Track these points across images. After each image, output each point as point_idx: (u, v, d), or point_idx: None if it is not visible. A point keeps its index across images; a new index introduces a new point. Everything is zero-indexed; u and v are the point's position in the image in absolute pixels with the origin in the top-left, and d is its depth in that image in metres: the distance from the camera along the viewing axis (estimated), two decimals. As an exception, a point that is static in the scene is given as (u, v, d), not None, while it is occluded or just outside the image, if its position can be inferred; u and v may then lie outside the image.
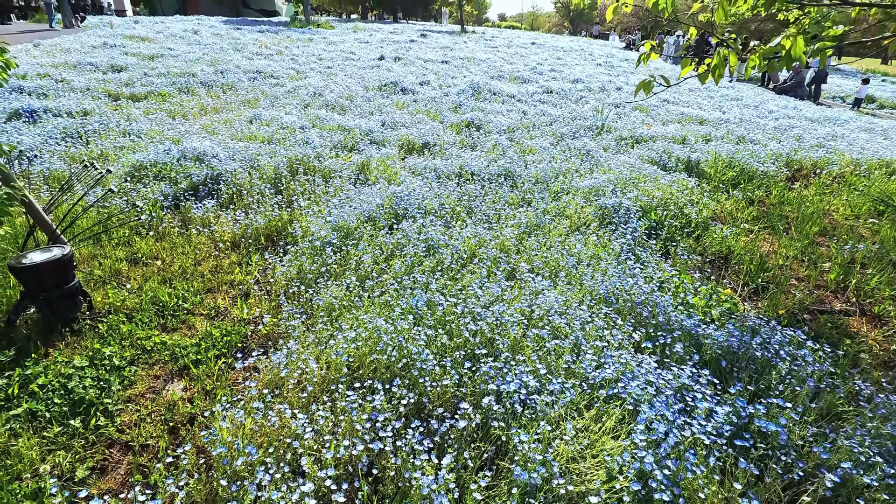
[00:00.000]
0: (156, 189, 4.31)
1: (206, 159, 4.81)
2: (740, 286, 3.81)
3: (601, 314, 2.79)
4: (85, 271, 3.38)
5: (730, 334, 2.70)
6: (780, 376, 2.53)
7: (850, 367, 2.86)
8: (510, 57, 16.87)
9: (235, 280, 3.45)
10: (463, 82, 10.17)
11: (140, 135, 5.83)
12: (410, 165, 5.12)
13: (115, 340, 2.79)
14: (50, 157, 4.93)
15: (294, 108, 7.57)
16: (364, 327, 2.63)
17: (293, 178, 4.78)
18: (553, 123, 7.26)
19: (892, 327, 3.42)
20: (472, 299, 2.81)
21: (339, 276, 3.32)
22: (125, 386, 2.53)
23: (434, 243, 3.46)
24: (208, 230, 3.94)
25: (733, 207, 5.20)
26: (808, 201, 5.52)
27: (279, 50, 14.39)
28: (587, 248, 3.61)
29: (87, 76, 8.82)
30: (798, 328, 3.22)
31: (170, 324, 3.01)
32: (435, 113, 7.63)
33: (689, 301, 3.19)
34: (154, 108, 7.23)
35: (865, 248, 4.35)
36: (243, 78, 9.77)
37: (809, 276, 3.99)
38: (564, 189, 4.70)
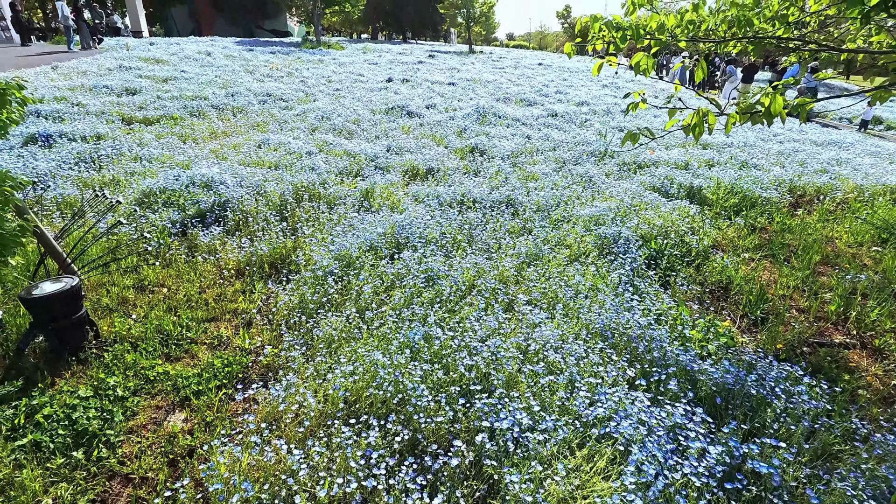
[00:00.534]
0: (164, 216, 4.42)
1: (215, 186, 4.93)
2: (739, 318, 3.82)
3: (597, 349, 2.82)
4: (93, 300, 3.46)
5: (725, 371, 2.72)
6: (776, 414, 2.54)
7: (848, 404, 2.86)
8: (517, 78, 17.09)
9: (239, 308, 3.52)
10: (469, 105, 10.32)
11: (151, 160, 5.97)
12: (414, 192, 5.20)
13: (120, 370, 2.85)
14: (63, 182, 5.07)
15: (302, 132, 7.72)
16: (362, 361, 2.68)
17: (298, 204, 4.88)
18: (556, 148, 7.34)
19: (892, 361, 3.41)
20: (469, 332, 2.85)
21: (339, 307, 3.37)
22: (127, 416, 2.59)
23: (434, 274, 3.51)
24: (214, 257, 4.02)
25: (735, 235, 5.22)
26: (811, 228, 5.52)
27: (290, 72, 14.69)
28: (586, 279, 3.64)
29: (101, 99, 9.06)
30: (796, 363, 3.22)
31: (173, 353, 3.07)
32: (440, 137, 7.74)
33: (685, 334, 3.21)
34: (166, 132, 7.41)
35: (868, 279, 4.34)
36: (254, 101, 9.98)
37: (810, 306, 3.98)
38: (565, 217, 4.76)
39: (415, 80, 14.39)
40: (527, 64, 22.67)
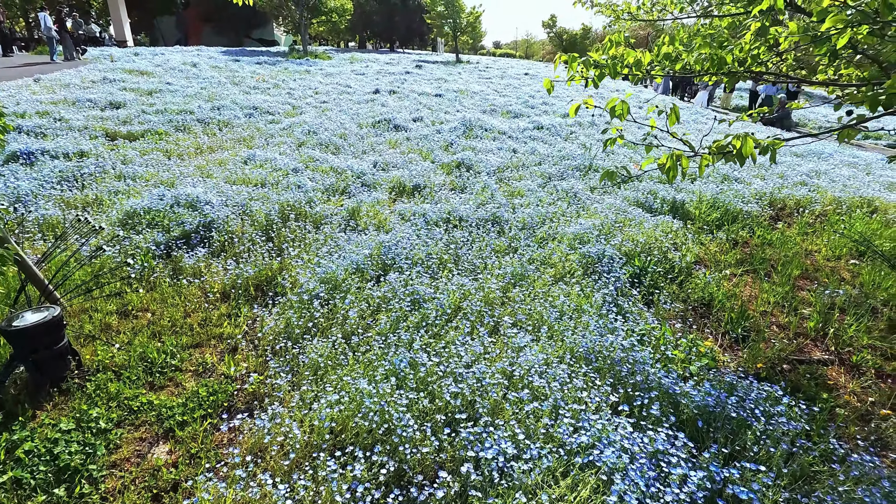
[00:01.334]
0: (149, 237, 4.39)
1: (200, 206, 4.90)
2: (721, 335, 3.88)
3: (581, 373, 2.85)
4: (75, 327, 3.43)
5: (707, 393, 2.76)
6: (756, 437, 2.58)
7: (827, 423, 2.91)
8: (503, 88, 17.23)
9: (224, 333, 3.51)
10: (455, 118, 10.39)
11: (135, 178, 5.93)
12: (400, 210, 5.22)
13: (103, 401, 2.82)
14: (45, 203, 5.01)
15: (288, 147, 7.71)
16: (347, 389, 2.68)
17: (284, 224, 4.87)
18: (542, 163, 7.42)
19: (869, 378, 3.49)
20: (454, 358, 2.87)
21: (325, 331, 3.37)
22: (110, 450, 2.56)
23: (420, 296, 3.53)
24: (199, 281, 4.00)
25: (717, 250, 5.30)
26: (791, 242, 5.63)
27: (276, 83, 14.67)
28: (570, 299, 3.68)
29: (85, 113, 8.98)
30: (776, 382, 3.28)
31: (157, 381, 3.04)
32: (427, 152, 7.78)
33: (668, 355, 3.26)
34: (150, 147, 7.36)
35: (845, 294, 4.44)
36: (240, 114, 9.96)
37: (790, 322, 4.06)
38: (550, 235, 4.81)
39: (402, 91, 14.45)
40: (513, 74, 22.88)
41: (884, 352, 3.72)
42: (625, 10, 3.92)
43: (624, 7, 3.93)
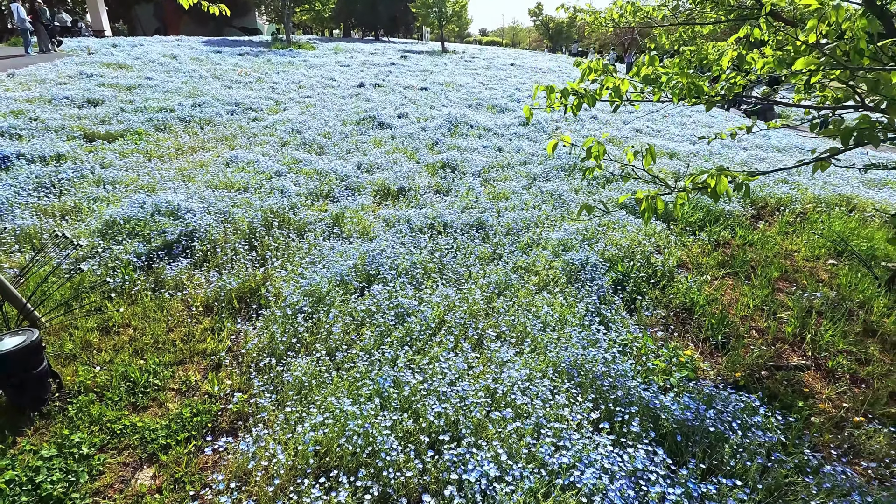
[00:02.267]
0: (129, 248, 4.33)
1: (181, 214, 4.84)
2: (702, 341, 3.95)
3: (563, 388, 2.89)
4: (55, 345, 3.39)
5: (685, 407, 2.82)
6: (732, 450, 2.65)
7: (802, 433, 2.99)
8: (489, 80, 17.15)
9: (207, 349, 3.49)
10: (441, 114, 10.33)
11: (115, 183, 5.83)
12: (385, 216, 5.21)
13: (85, 424, 2.80)
14: (21, 212, 4.91)
15: (271, 146, 7.63)
16: (332, 409, 2.70)
17: (268, 232, 4.83)
18: (527, 162, 7.43)
19: (844, 383, 3.58)
20: (438, 376, 2.89)
21: (309, 346, 3.37)
22: (94, 476, 2.55)
23: (404, 310, 3.54)
24: (181, 294, 3.96)
25: (699, 252, 5.37)
26: (772, 242, 5.72)
27: (259, 76, 14.45)
28: (553, 310, 3.72)
29: (62, 112, 8.78)
30: (754, 390, 3.36)
31: (140, 402, 3.03)
32: (412, 152, 7.74)
33: (649, 367, 3.31)
34: (130, 148, 7.23)
35: (823, 297, 4.53)
36: (221, 111, 9.80)
37: (769, 327, 4.14)
38: (535, 241, 4.83)
39: (387, 84, 14.32)
40: (499, 64, 22.76)
41: (858, 356, 3.81)
42: (607, 17, 3.92)
43: (606, 14, 3.92)
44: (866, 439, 3.02)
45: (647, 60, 2.61)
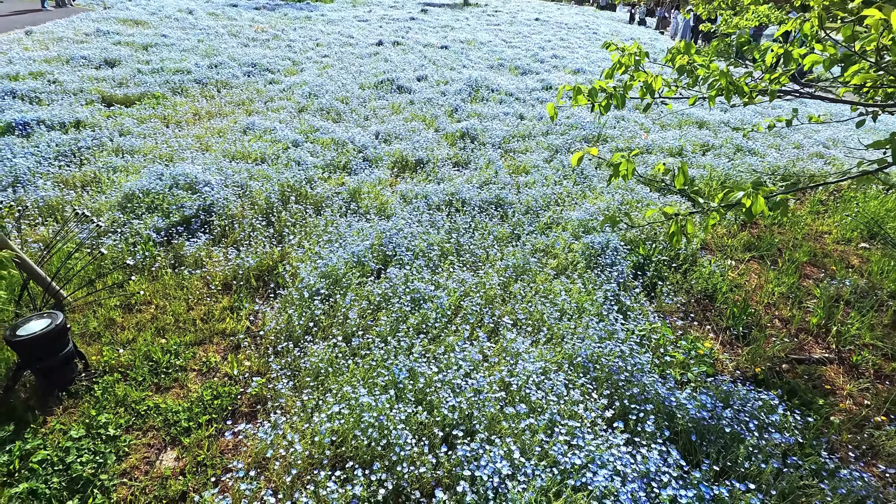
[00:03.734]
0: (149, 223, 4.36)
1: (199, 187, 4.84)
2: (723, 330, 3.87)
3: (578, 383, 2.88)
4: (80, 322, 3.47)
5: (701, 406, 2.79)
6: (748, 452, 2.63)
7: (820, 433, 2.95)
8: (512, 37, 16.49)
9: (227, 329, 3.54)
10: (461, 77, 10.01)
11: (133, 152, 5.83)
12: (402, 191, 5.13)
13: (111, 405, 2.90)
14: (44, 183, 4.96)
15: (288, 112, 7.51)
16: (347, 398, 2.73)
17: (285, 207, 4.81)
18: (549, 132, 7.19)
19: (867, 379, 3.50)
20: (452, 368, 2.89)
21: (326, 330, 3.40)
22: (120, 457, 2.65)
23: (420, 295, 3.53)
24: (200, 271, 4.00)
25: (725, 232, 5.21)
26: (802, 223, 5.52)
27: (276, 33, 14.10)
28: (571, 297, 3.66)
29: (79, 73, 8.73)
30: (773, 385, 3.31)
31: (163, 382, 3.11)
32: (431, 119, 7.55)
33: (667, 360, 3.27)
34: (147, 114, 7.19)
35: (852, 284, 4.39)
36: (238, 73, 9.64)
37: (793, 316, 4.04)
38: (554, 220, 4.73)
39: (406, 42, 13.87)
40: (523, 19, 21.81)
41: (885, 351, 3.71)
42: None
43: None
44: (886, 440, 2.98)
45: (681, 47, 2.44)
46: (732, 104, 1.97)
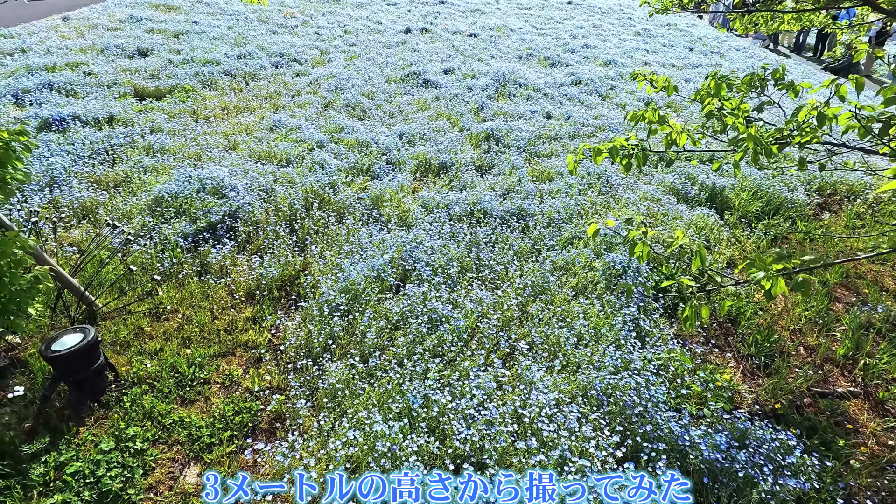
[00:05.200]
0: (177, 227, 4.48)
1: (225, 191, 4.93)
2: (744, 358, 3.80)
3: (591, 418, 2.88)
4: (111, 330, 3.62)
5: (715, 447, 2.76)
6: (760, 498, 2.61)
7: (838, 478, 2.89)
8: (543, 23, 16.08)
9: (249, 342, 3.65)
10: (489, 70, 9.85)
11: (163, 151, 5.96)
12: (424, 198, 5.13)
13: (138, 417, 3.03)
14: (79, 182, 5.12)
15: (314, 109, 7.54)
16: (362, 424, 2.80)
17: (308, 213, 4.87)
18: (576, 135, 7.05)
19: (893, 418, 3.40)
20: (466, 396, 2.93)
21: (344, 347, 3.47)
22: (146, 471, 2.78)
23: (438, 315, 3.55)
24: (225, 280, 4.11)
25: (753, 248, 5.07)
26: (836, 238, 5.32)
27: (304, 19, 14.07)
28: (590, 322, 3.64)
29: (113, 64, 8.90)
30: (793, 421, 3.25)
31: (188, 395, 3.23)
32: (456, 117, 7.48)
33: (683, 392, 3.24)
34: (178, 108, 7.31)
35: (885, 311, 4.24)
36: (266, 63, 9.69)
37: (820, 345, 3.94)
38: (577, 235, 4.67)
39: (434, 29, 13.68)
40: (555, 2, 21.19)
41: (914, 388, 3.59)
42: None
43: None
44: (908, 485, 2.91)
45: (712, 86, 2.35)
46: (760, 166, 1.90)
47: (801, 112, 1.93)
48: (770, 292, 1.61)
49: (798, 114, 1.95)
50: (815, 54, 16.32)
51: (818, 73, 13.96)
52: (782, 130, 2.03)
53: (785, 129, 2.01)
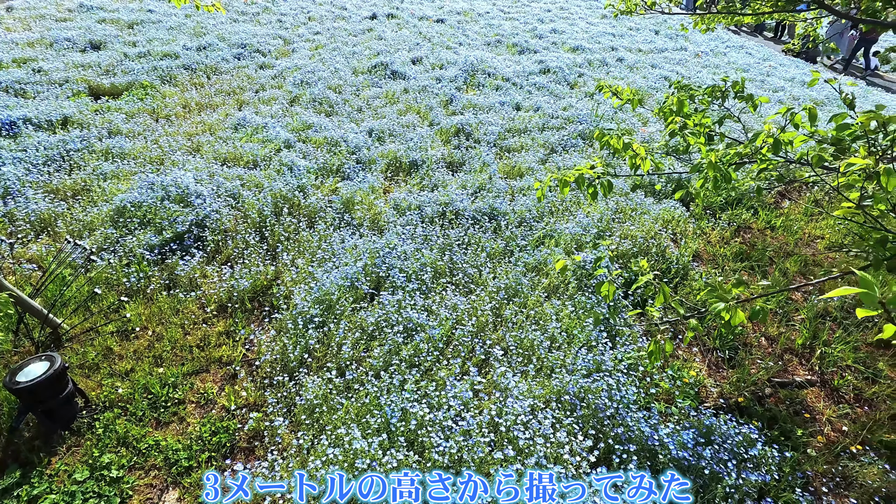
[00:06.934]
0: (142, 239, 4.36)
1: (191, 199, 4.81)
2: (709, 352, 3.95)
3: (565, 423, 2.97)
4: (78, 352, 3.53)
5: (682, 446, 2.89)
6: (725, 493, 2.75)
7: (797, 467, 3.06)
8: (510, 7, 15.95)
9: (223, 357, 3.61)
10: (457, 59, 9.76)
11: (123, 155, 5.75)
12: (395, 200, 5.10)
13: (112, 444, 2.99)
14: (34, 193, 4.92)
15: (280, 105, 7.36)
16: (341, 441, 2.83)
17: (278, 219, 4.80)
18: (545, 128, 7.08)
19: (847, 404, 3.60)
20: (443, 408, 2.98)
21: (320, 360, 3.47)
22: (124, 500, 2.76)
23: (413, 324, 3.58)
24: (195, 293, 4.03)
25: (718, 239, 5.23)
26: (796, 226, 5.53)
27: (266, 5, 13.61)
28: (562, 323, 3.72)
29: (64, 59, 8.48)
30: (755, 413, 3.41)
31: (162, 417, 3.20)
32: (426, 111, 7.42)
33: (652, 392, 3.36)
34: (136, 107, 7.04)
35: (840, 299, 4.44)
36: (228, 55, 9.38)
37: (780, 335, 4.12)
38: (548, 234, 4.73)
39: (401, 15, 13.43)
40: (522, -17, 20.99)
41: (866, 375, 3.80)
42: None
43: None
44: (860, 469, 3.10)
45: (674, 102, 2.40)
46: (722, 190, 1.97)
47: (759, 138, 2.00)
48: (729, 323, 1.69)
49: (755, 140, 2.02)
50: (776, 35, 16.69)
51: (778, 55, 14.28)
52: (740, 154, 2.09)
53: (744, 151, 2.07)
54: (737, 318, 1.71)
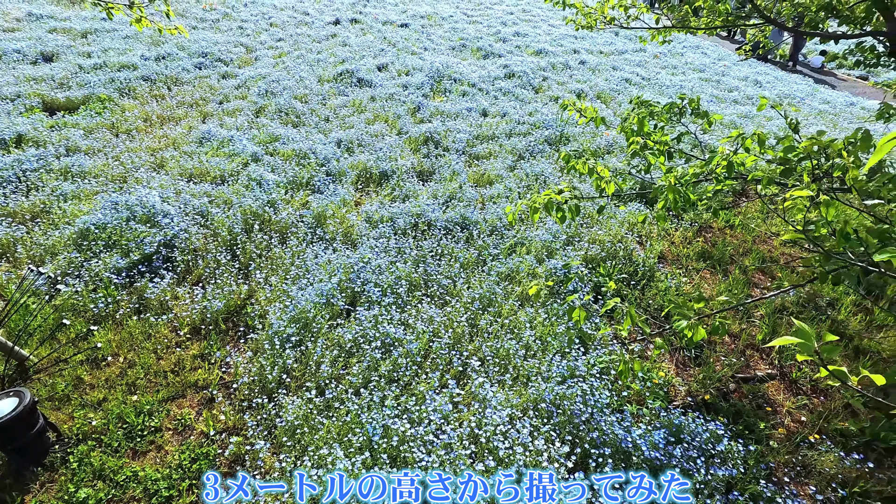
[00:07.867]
0: (108, 262, 4.26)
1: (157, 218, 4.72)
2: (677, 351, 4.12)
3: (543, 431, 3.07)
4: (47, 384, 3.44)
5: (654, 446, 3.02)
6: (696, 489, 2.89)
7: (760, 459, 3.24)
8: (473, 10, 16.09)
9: (199, 381, 3.57)
10: (423, 64, 9.80)
11: (83, 174, 5.59)
12: (367, 212, 5.13)
13: (88, 477, 2.93)
14: (-10, 218, 4.74)
15: (245, 116, 7.27)
16: (324, 462, 2.85)
17: (249, 236, 4.76)
18: (512, 133, 7.20)
19: (805, 395, 3.82)
20: (424, 423, 3.03)
21: (299, 380, 3.47)
22: (103, 535, 2.72)
23: (390, 338, 3.62)
24: (167, 316, 3.97)
25: (681, 239, 5.44)
26: (753, 224, 5.79)
27: (226, 11, 13.37)
28: (535, 330, 3.83)
29: (14, 72, 8.16)
30: (721, 409, 3.58)
31: (139, 446, 3.15)
32: (394, 119, 7.44)
33: (623, 395, 3.50)
34: (94, 122, 6.84)
35: (796, 294, 4.70)
36: (188, 65, 9.19)
37: (742, 331, 4.32)
38: (519, 241, 4.84)
39: (364, 20, 13.38)
40: (485, -15, 21.18)
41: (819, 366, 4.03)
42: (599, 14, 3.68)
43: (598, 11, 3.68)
44: (818, 457, 3.29)
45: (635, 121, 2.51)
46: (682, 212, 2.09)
47: (714, 160, 2.13)
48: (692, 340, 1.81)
49: (710, 162, 2.15)
50: (729, 34, 17.31)
51: (733, 54, 14.83)
52: (697, 175, 2.22)
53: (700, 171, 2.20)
54: (698, 335, 1.82)
